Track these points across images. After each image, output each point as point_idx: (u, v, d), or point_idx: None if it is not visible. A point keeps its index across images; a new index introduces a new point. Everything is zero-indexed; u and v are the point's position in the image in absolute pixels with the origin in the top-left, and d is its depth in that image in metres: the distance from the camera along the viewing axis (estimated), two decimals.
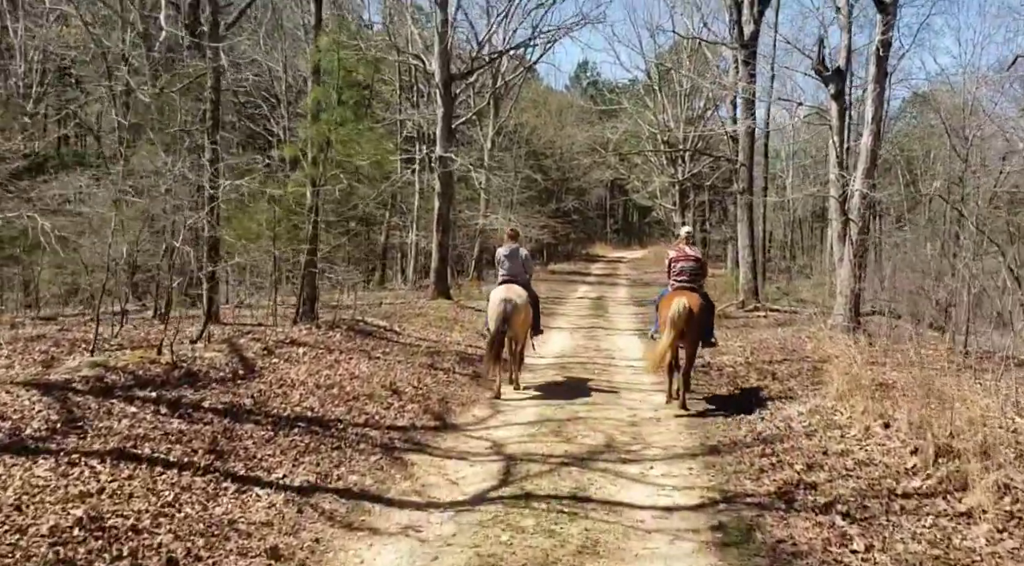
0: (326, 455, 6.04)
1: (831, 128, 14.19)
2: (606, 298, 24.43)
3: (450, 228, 17.44)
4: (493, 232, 29.89)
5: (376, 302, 17.96)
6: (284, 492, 5.17)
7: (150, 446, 5.41)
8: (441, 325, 14.05)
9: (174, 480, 4.92)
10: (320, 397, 7.64)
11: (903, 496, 5.67)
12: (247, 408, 6.80)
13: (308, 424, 6.72)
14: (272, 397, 7.35)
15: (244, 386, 7.47)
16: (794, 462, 6.57)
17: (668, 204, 36.35)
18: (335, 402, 7.59)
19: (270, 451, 5.85)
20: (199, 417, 6.27)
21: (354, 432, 6.79)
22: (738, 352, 12.85)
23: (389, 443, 6.67)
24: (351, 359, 9.54)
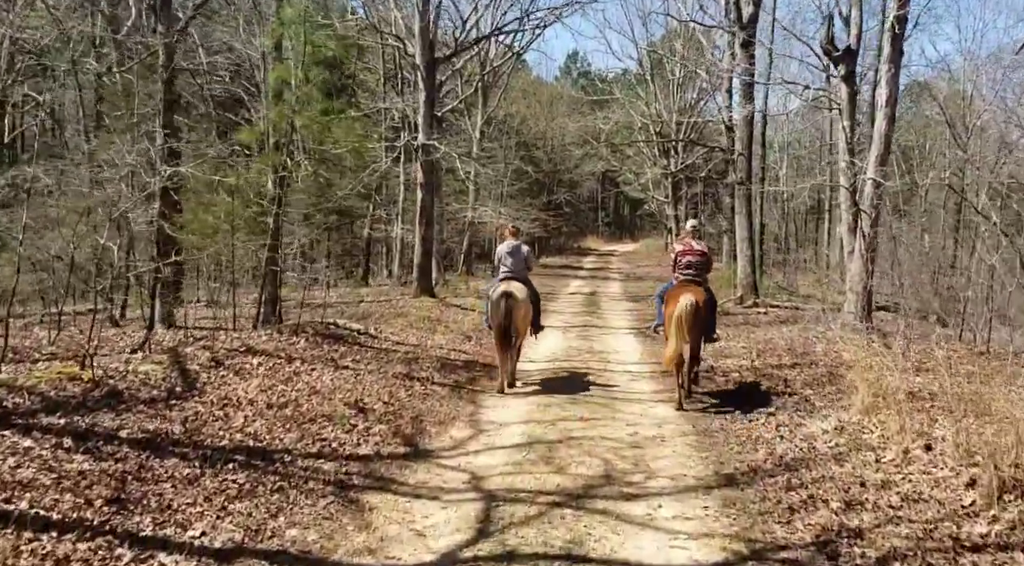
0: (263, 500, 4.87)
1: (840, 113, 13.09)
2: (599, 293, 23.32)
3: (434, 221, 16.27)
4: (482, 226, 28.75)
5: (355, 300, 16.79)
6: (198, 559, 4.01)
7: (30, 497, 4.24)
8: (423, 326, 12.89)
9: (46, 550, 3.74)
10: (269, 420, 6.48)
11: (972, 549, 4.57)
12: (175, 437, 5.64)
13: (248, 457, 5.55)
14: (210, 421, 6.18)
15: (178, 408, 6.31)
16: (829, 498, 5.46)
17: (661, 196, 35.26)
18: (287, 426, 6.43)
19: (191, 497, 4.68)
20: (111, 452, 5.10)
21: (303, 466, 5.63)
22: (743, 354, 11.75)
23: (345, 479, 5.51)
24: (314, 370, 8.38)
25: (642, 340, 13.75)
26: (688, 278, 8.70)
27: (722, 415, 8.10)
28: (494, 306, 8.68)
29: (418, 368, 9.47)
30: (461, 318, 14.40)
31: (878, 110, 12.54)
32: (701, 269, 8.82)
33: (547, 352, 11.98)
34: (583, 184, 45.48)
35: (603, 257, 41.83)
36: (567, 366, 10.78)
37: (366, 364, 9.18)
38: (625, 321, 16.67)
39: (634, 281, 28.05)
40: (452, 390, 8.73)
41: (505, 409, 8.07)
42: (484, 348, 11.98)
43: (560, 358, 11.51)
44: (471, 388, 9.00)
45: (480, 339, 12.69)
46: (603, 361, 11.36)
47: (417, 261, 15.82)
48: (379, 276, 26.89)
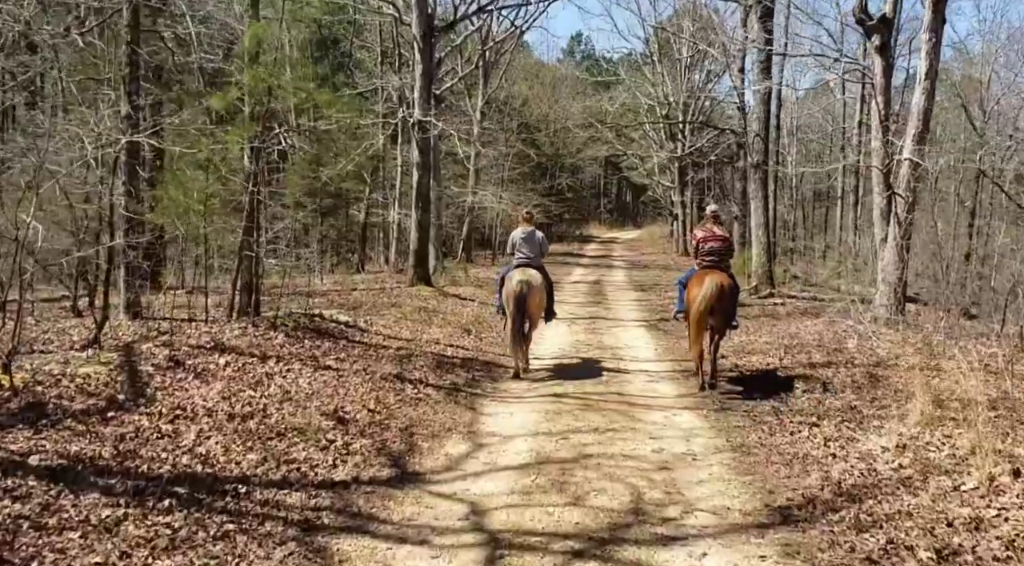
0: (201, 552, 3.76)
1: (874, 87, 11.90)
2: (604, 282, 22.21)
3: (431, 205, 15.11)
4: (483, 211, 27.57)
5: (348, 288, 15.67)
6: None
7: None
8: (418, 318, 11.77)
9: None
10: (228, 436, 5.37)
11: None
12: (102, 463, 4.53)
13: (192, 489, 4.44)
14: (152, 439, 5.07)
15: (116, 421, 5.20)
16: (913, 543, 4.36)
17: (667, 181, 34.07)
18: (248, 443, 5.32)
19: (102, 554, 3.55)
20: (10, 487, 3.99)
21: (262, 499, 4.52)
22: (768, 350, 10.65)
23: (313, 518, 4.40)
24: (290, 371, 7.27)
25: (655, 334, 12.66)
26: (710, 264, 8.51)
27: (757, 425, 7.01)
28: (509, 293, 8.49)
29: (410, 367, 8.36)
30: (460, 309, 13.28)
31: (917, 84, 11.38)
32: (723, 255, 8.65)
33: (554, 347, 10.88)
34: (586, 169, 44.23)
35: (606, 244, 40.69)
36: (576, 364, 9.68)
37: (352, 363, 8.07)
38: (634, 312, 15.56)
39: (639, 269, 26.93)
40: (448, 394, 7.63)
41: (509, 417, 6.97)
42: (485, 343, 10.88)
43: (568, 354, 10.41)
44: (470, 391, 7.90)
45: (480, 333, 11.59)
46: (615, 358, 10.25)
47: (412, 247, 14.67)
48: (376, 263, 25.73)
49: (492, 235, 29.08)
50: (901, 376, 8.82)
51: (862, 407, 7.47)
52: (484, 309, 13.89)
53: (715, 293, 7.87)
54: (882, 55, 11.86)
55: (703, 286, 7.91)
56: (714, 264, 8.52)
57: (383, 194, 24.45)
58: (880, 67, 11.82)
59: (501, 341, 11.31)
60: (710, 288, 7.84)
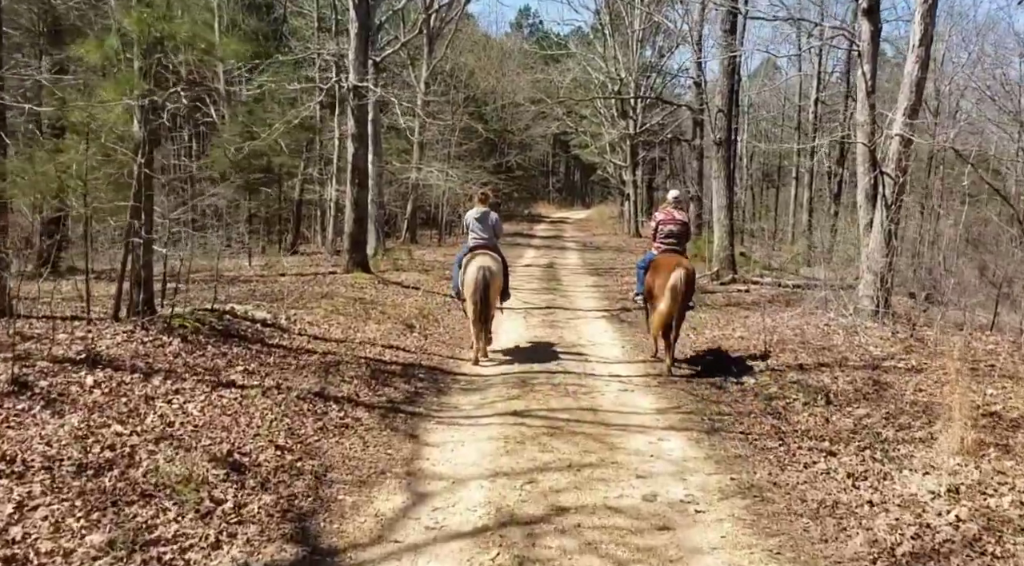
0: None
1: (859, 55, 10.69)
2: (557, 265, 20.84)
3: (369, 181, 13.42)
4: (429, 188, 25.88)
5: (277, 274, 13.94)
6: None
7: None
8: (352, 312, 10.18)
9: None
10: (67, 502, 3.78)
11: None
12: None
13: None
14: None
15: None
16: None
17: (618, 160, 32.80)
18: (96, 513, 3.74)
19: None
20: None
21: None
22: (748, 348, 9.41)
23: None
24: (179, 392, 5.66)
25: (618, 327, 11.34)
26: (669, 247, 8.54)
27: (759, 453, 5.71)
28: (470, 282, 8.19)
29: (338, 380, 6.82)
30: (401, 300, 11.72)
31: (909, 52, 10.19)
32: (682, 238, 8.68)
33: (510, 346, 9.45)
34: (535, 147, 42.67)
35: (556, 225, 39.34)
36: (537, 368, 8.26)
37: (263, 377, 6.48)
38: (593, 300, 14.23)
39: (592, 251, 25.66)
40: (384, 416, 6.12)
41: (459, 449, 5.51)
42: (431, 342, 9.38)
43: (527, 355, 8.97)
44: (411, 410, 6.40)
45: (425, 329, 10.08)
46: (579, 358, 8.87)
47: (348, 229, 12.97)
48: (314, 243, 23.89)
49: (439, 214, 27.40)
50: (907, 382, 7.68)
51: (879, 427, 6.24)
52: (430, 299, 12.36)
53: (684, 280, 7.91)
54: (869, 19, 10.63)
55: (672, 273, 7.84)
56: (672, 248, 8.53)
57: (320, 169, 22.58)
58: (868, 32, 10.59)
59: (449, 338, 9.84)
60: (679, 276, 7.82)
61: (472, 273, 8.21)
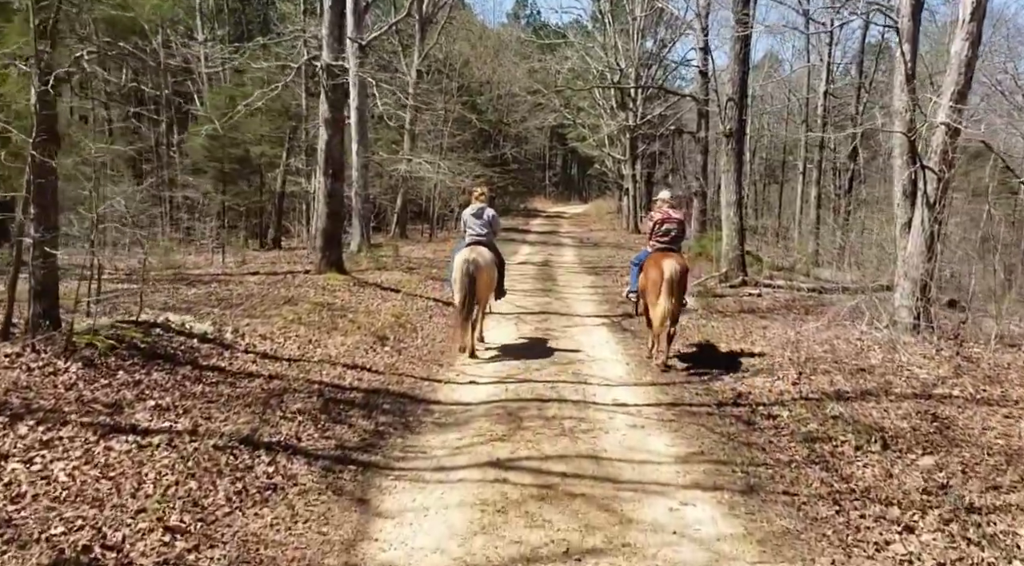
0: None
1: (899, 32, 9.27)
2: (553, 263, 19.43)
3: (344, 172, 11.94)
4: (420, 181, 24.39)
5: (245, 273, 12.52)
6: None
7: None
8: (316, 322, 8.75)
9: None
10: None
11: None
12: None
13: None
14: None
15: None
16: None
17: (617, 154, 31.33)
18: None
19: None
20: None
21: None
22: (773, 368, 8.02)
23: None
24: (50, 445, 4.24)
25: (621, 337, 9.93)
26: (664, 245, 8.52)
27: (813, 525, 4.32)
28: (458, 273, 8.15)
29: (277, 417, 5.40)
30: (377, 305, 10.28)
31: (958, 28, 8.78)
32: (677, 237, 8.67)
33: (498, 362, 8.04)
34: (531, 140, 41.12)
35: (552, 219, 37.87)
36: (527, 394, 6.85)
37: (180, 414, 5.07)
38: (591, 304, 12.82)
39: (589, 248, 24.24)
40: (327, 471, 4.70)
41: (421, 520, 4.10)
42: (404, 359, 7.96)
43: (515, 373, 7.56)
44: (366, 458, 4.98)
45: (400, 341, 8.66)
46: (578, 380, 7.46)
47: (320, 225, 11.47)
48: (297, 238, 22.45)
49: (430, 208, 25.94)
50: (972, 417, 6.31)
51: (958, 486, 4.86)
52: (410, 303, 10.94)
53: (679, 276, 7.88)
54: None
55: (665, 269, 7.81)
56: (668, 246, 8.49)
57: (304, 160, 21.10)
58: (908, 6, 9.16)
59: (427, 352, 8.43)
60: (673, 271, 7.80)
61: (458, 265, 8.17)
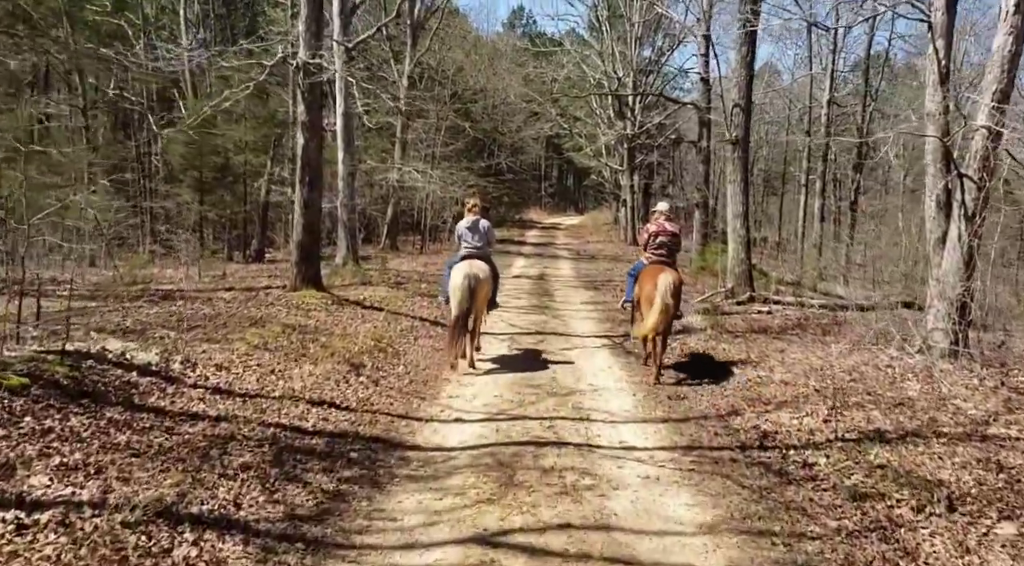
0: None
1: (931, 27, 8.36)
2: (549, 277, 18.47)
3: (322, 178, 10.89)
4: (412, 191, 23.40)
5: (218, 288, 11.52)
6: None
7: None
8: (284, 346, 7.72)
9: None
10: None
11: None
12: None
13: None
14: None
15: None
16: None
17: (615, 164, 30.44)
18: None
19: None
20: None
21: None
22: (798, 400, 7.05)
23: None
24: None
25: (624, 362, 8.95)
26: (660, 258, 8.54)
27: None
28: (455, 288, 7.95)
29: (216, 474, 4.38)
30: (356, 326, 9.26)
31: (1000, 21, 7.86)
32: (673, 249, 8.70)
33: (488, 394, 7.04)
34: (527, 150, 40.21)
35: (547, 231, 36.94)
36: (520, 433, 5.86)
37: (88, 476, 4.04)
38: (591, 322, 11.85)
39: (586, 260, 23.29)
40: (266, 552, 3.66)
41: None
42: (381, 391, 6.95)
43: (508, 410, 6.57)
44: (319, 532, 3.96)
45: (378, 370, 7.65)
46: (579, 417, 6.48)
47: (296, 239, 10.43)
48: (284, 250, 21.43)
49: (422, 219, 24.96)
50: None
51: None
52: (393, 323, 9.93)
53: (674, 289, 7.88)
54: None
55: (660, 282, 7.80)
56: (663, 258, 8.50)
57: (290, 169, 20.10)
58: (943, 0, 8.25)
59: (408, 382, 7.42)
60: (668, 284, 7.78)
61: (458, 279, 7.92)
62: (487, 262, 8.45)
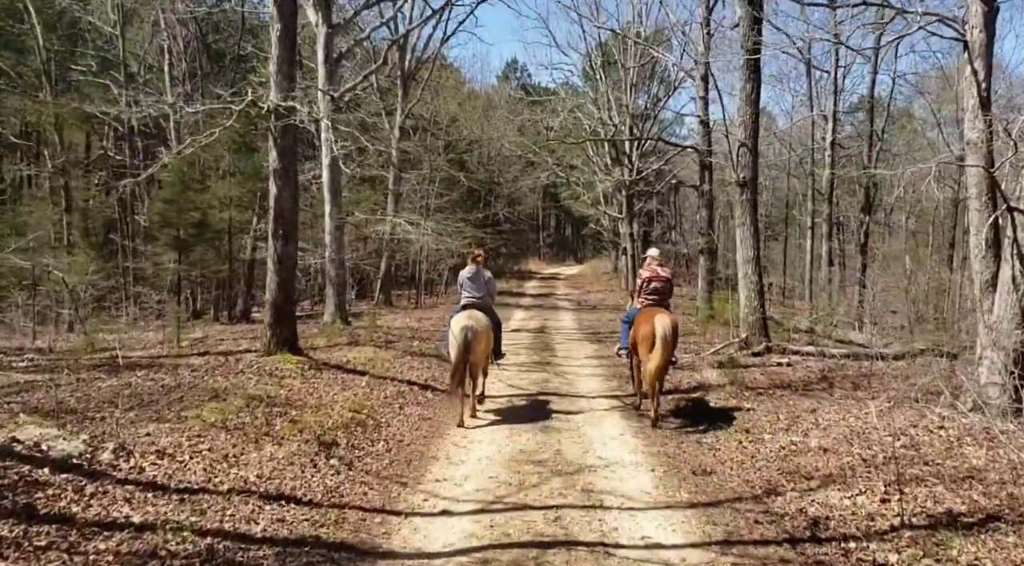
0: None
1: (967, 47, 7.54)
2: (549, 329, 17.43)
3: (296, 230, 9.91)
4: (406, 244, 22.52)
5: (186, 356, 10.48)
6: None
7: None
8: (246, 424, 6.64)
9: None
10: None
11: None
12: None
13: None
14: None
15: None
16: None
17: (613, 212, 29.67)
18: None
19: None
20: None
21: None
22: (845, 475, 5.97)
23: None
24: None
25: (638, 427, 7.88)
26: (653, 302, 8.43)
27: None
28: (453, 340, 7.87)
29: None
30: (334, 395, 8.19)
31: None
32: (665, 294, 8.62)
33: (481, 475, 5.95)
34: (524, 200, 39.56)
35: (547, 281, 36.03)
36: (519, 529, 4.77)
37: None
38: (597, 380, 10.80)
39: (587, 311, 22.27)
40: None
41: None
42: (355, 476, 5.85)
43: (505, 496, 5.48)
44: None
45: (355, 446, 6.58)
46: (590, 500, 5.40)
47: (270, 298, 9.38)
48: None
49: (416, 271, 24.04)
50: None
51: None
52: (378, 389, 8.87)
53: (671, 332, 7.73)
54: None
55: (657, 325, 7.69)
56: (656, 302, 8.44)
57: None
58: (980, 14, 7.41)
59: (388, 463, 6.34)
60: (666, 327, 7.67)
61: (456, 332, 7.87)
62: (487, 312, 8.44)
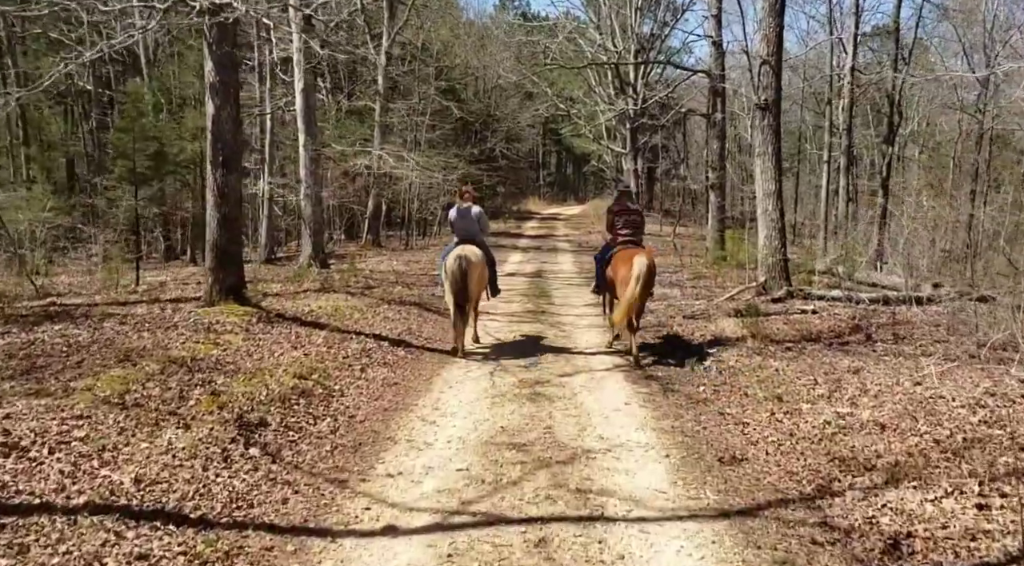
0: None
1: None
2: (547, 274, 15.97)
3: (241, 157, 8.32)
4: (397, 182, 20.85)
5: (121, 304, 9.01)
6: None
7: None
8: (153, 399, 5.18)
9: None
10: None
11: None
12: None
13: None
14: None
15: None
16: None
17: (617, 147, 27.82)
18: None
19: None
20: None
21: None
22: (916, 463, 4.56)
23: None
24: None
25: (647, 395, 6.50)
26: (628, 238, 8.29)
27: None
28: (448, 272, 7.77)
29: None
30: (279, 356, 6.72)
31: None
32: (637, 228, 8.47)
33: (447, 467, 4.53)
34: (523, 138, 37.52)
35: (546, 222, 34.35)
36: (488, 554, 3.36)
37: None
38: (597, 331, 9.35)
39: (589, 253, 20.67)
40: None
41: None
42: (278, 474, 4.40)
43: (473, 501, 4.07)
44: None
45: (291, 426, 5.14)
46: (587, 506, 3.99)
47: (211, 238, 7.73)
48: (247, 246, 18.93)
49: (405, 211, 22.43)
50: None
51: None
52: (338, 347, 7.40)
53: (648, 272, 7.60)
54: None
55: (635, 265, 7.52)
56: (630, 238, 8.29)
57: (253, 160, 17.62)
58: None
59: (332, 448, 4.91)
60: (643, 267, 7.49)
61: (450, 264, 7.76)
62: (480, 247, 8.25)
